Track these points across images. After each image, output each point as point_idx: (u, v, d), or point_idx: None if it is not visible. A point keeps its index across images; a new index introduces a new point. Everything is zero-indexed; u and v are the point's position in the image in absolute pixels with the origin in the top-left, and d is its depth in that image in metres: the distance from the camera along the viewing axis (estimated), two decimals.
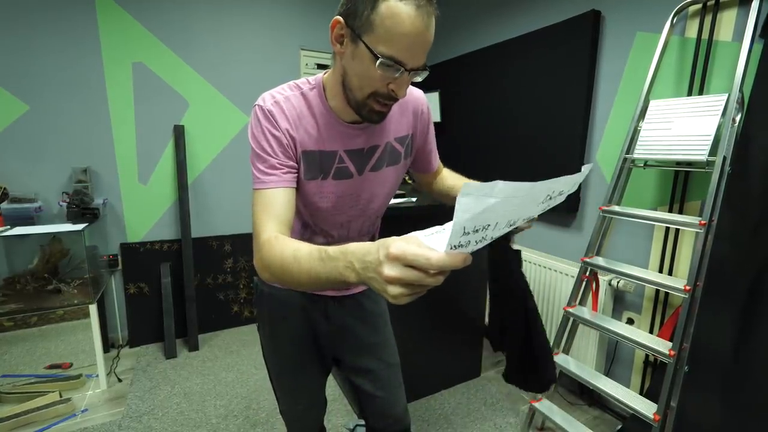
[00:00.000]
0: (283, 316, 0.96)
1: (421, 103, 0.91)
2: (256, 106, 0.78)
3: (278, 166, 0.75)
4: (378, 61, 0.63)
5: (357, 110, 0.74)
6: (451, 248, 0.42)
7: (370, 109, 0.72)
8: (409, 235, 0.47)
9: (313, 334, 0.99)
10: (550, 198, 0.51)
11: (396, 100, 0.71)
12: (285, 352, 1.00)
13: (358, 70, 0.68)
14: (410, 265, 0.43)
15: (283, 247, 0.63)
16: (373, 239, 1.04)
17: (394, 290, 0.45)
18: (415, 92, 0.90)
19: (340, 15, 0.67)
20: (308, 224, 0.90)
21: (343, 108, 0.77)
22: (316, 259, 0.56)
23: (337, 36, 0.69)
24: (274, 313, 0.97)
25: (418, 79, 0.71)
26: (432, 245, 0.44)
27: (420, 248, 0.43)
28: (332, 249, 0.54)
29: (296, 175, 0.79)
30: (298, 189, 0.82)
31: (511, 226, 0.48)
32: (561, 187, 0.50)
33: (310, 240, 0.91)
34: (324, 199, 0.84)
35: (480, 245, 0.45)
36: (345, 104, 0.76)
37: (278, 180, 0.75)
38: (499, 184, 0.38)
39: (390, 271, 0.44)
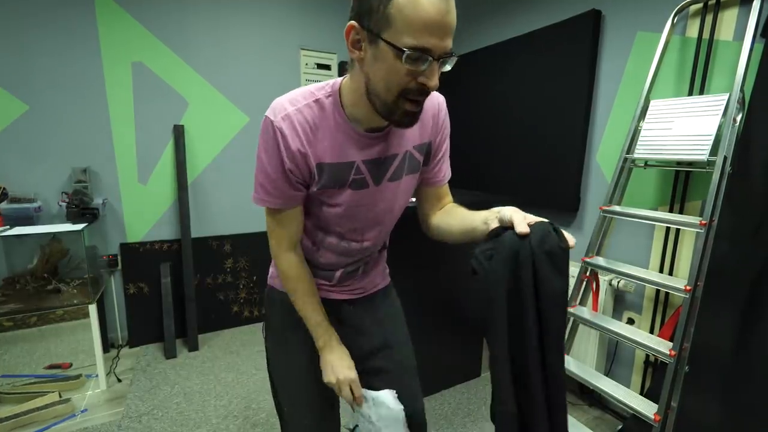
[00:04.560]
0: (295, 322, 0.92)
1: (439, 106, 0.86)
2: (266, 119, 0.73)
3: (284, 187, 0.75)
4: (404, 55, 0.60)
5: (388, 116, 0.69)
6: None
7: (402, 111, 0.67)
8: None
9: None
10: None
11: (428, 93, 0.66)
12: (294, 360, 0.95)
13: (382, 71, 0.64)
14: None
15: (299, 281, 0.86)
16: (384, 247, 1.02)
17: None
18: (433, 95, 0.84)
19: (352, 19, 0.64)
20: (320, 227, 0.88)
21: (365, 116, 0.73)
22: (312, 323, 0.88)
23: (354, 42, 0.65)
24: (286, 320, 0.93)
25: (447, 67, 0.66)
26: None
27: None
28: (321, 340, 0.88)
29: (304, 193, 0.79)
30: (311, 197, 0.81)
31: None
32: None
33: (321, 242, 0.89)
34: (337, 207, 0.81)
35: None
36: (368, 112, 0.72)
37: (286, 202, 0.78)
38: None
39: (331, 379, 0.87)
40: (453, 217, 0.86)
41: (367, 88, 0.69)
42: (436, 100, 0.86)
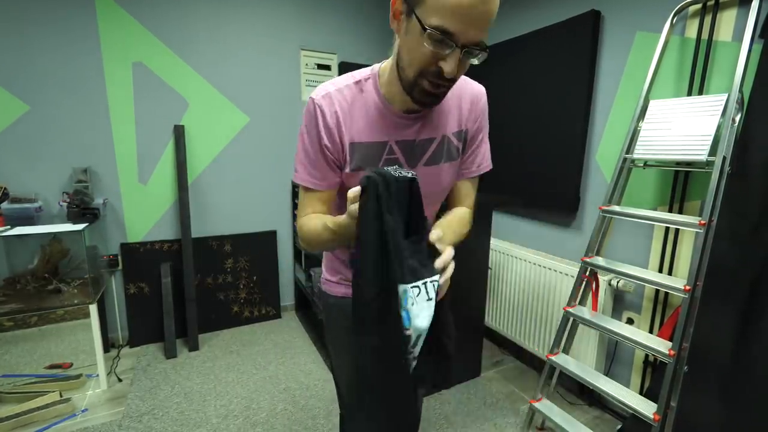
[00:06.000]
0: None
1: (480, 97, 0.86)
2: (310, 99, 0.77)
3: (322, 165, 0.78)
4: (426, 33, 0.59)
5: (409, 91, 0.70)
6: None
7: (420, 89, 0.68)
8: None
9: None
10: None
11: (447, 81, 0.66)
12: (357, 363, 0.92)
13: (409, 45, 0.65)
14: None
15: (313, 223, 0.77)
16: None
17: None
18: (475, 85, 0.86)
19: None
20: None
21: (397, 94, 0.74)
22: (337, 225, 0.70)
23: (395, 12, 0.66)
24: (344, 324, 0.92)
25: (475, 61, 0.65)
26: None
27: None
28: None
29: (339, 175, 0.80)
30: (345, 180, 0.81)
31: None
32: None
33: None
34: None
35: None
36: (399, 89, 0.72)
37: (323, 181, 0.79)
38: None
39: None
40: (443, 218, 0.86)
41: (397, 61, 0.70)
42: (478, 90, 0.87)
